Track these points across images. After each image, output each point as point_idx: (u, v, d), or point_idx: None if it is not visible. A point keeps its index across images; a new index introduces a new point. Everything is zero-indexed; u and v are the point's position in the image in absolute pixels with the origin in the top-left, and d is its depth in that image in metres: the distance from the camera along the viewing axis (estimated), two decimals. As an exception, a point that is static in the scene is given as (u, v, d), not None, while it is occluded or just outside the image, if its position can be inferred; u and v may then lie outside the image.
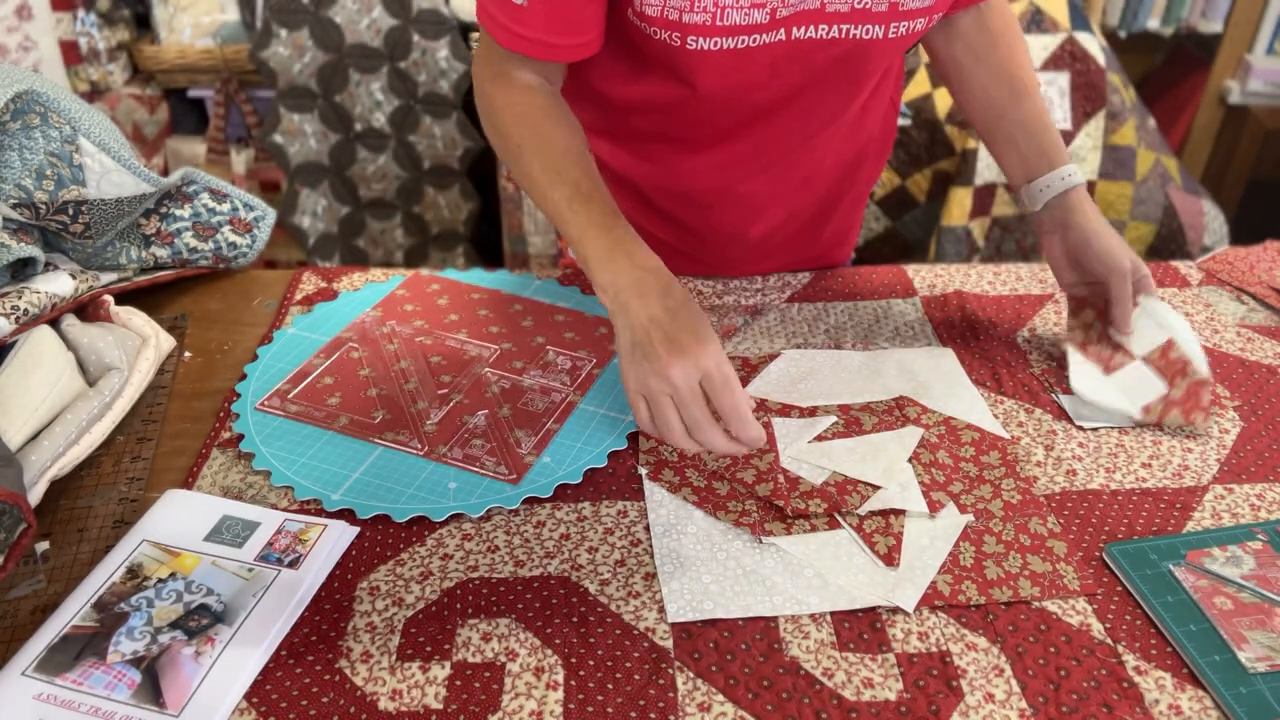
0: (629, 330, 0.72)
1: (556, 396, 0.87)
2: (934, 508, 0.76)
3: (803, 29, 0.78)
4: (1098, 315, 0.92)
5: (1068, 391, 0.89)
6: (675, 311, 0.71)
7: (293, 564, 0.70)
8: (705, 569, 0.71)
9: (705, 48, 0.78)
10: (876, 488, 0.77)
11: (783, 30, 0.78)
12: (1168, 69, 2.63)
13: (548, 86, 0.85)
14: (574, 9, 0.77)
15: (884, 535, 0.74)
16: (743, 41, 0.78)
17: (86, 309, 0.92)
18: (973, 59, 0.93)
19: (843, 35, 0.79)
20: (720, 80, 0.83)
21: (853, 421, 0.85)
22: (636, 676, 0.64)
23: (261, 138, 2.09)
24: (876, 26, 0.79)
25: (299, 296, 1.02)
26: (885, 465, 0.80)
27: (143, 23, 2.15)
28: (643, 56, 0.84)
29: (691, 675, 0.64)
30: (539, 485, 0.78)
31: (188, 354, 0.94)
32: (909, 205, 1.98)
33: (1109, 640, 0.67)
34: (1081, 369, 0.89)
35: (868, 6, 0.77)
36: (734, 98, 0.85)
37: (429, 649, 0.66)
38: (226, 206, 1.04)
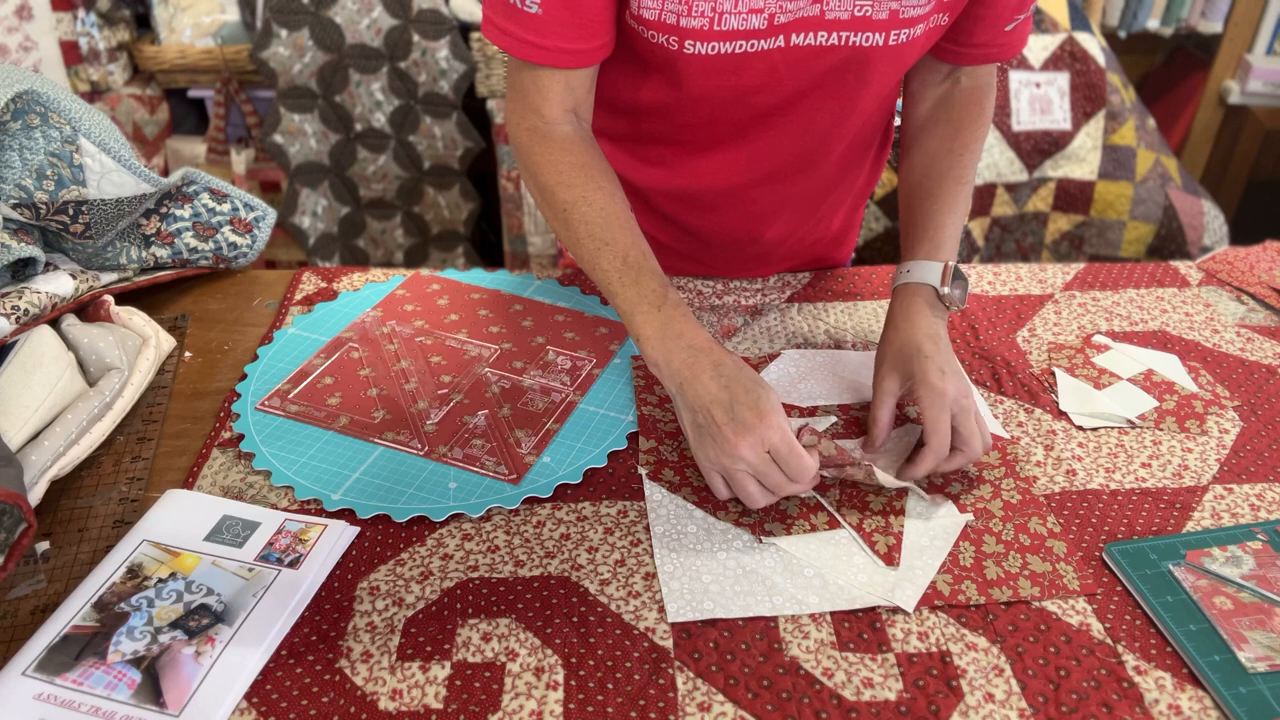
0: (690, 411, 0.75)
1: (556, 396, 0.87)
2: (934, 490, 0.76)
3: (802, 36, 0.78)
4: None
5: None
6: (731, 387, 0.73)
7: (293, 564, 0.70)
8: (705, 569, 0.71)
9: (702, 52, 0.78)
10: (881, 488, 0.77)
11: (781, 37, 0.78)
12: (1168, 69, 2.63)
13: (586, 138, 0.85)
14: (588, 11, 0.77)
15: (884, 535, 0.74)
16: (740, 47, 0.78)
17: (87, 309, 0.92)
18: (921, 130, 0.93)
19: (842, 42, 0.79)
20: (718, 85, 0.82)
21: (852, 422, 0.85)
22: (636, 676, 0.64)
23: (261, 138, 2.09)
24: (876, 34, 0.78)
25: (299, 296, 1.02)
26: (890, 466, 0.80)
27: (143, 23, 2.15)
28: (642, 60, 0.84)
29: (691, 675, 0.64)
30: (539, 485, 0.78)
31: (188, 354, 0.94)
32: (909, 205, 1.98)
33: (1109, 640, 0.67)
34: (1071, 390, 0.89)
35: (868, 14, 0.77)
36: (734, 102, 0.85)
37: (429, 649, 0.66)
38: (227, 206, 1.05)
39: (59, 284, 0.89)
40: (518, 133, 0.85)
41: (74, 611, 0.66)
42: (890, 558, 0.72)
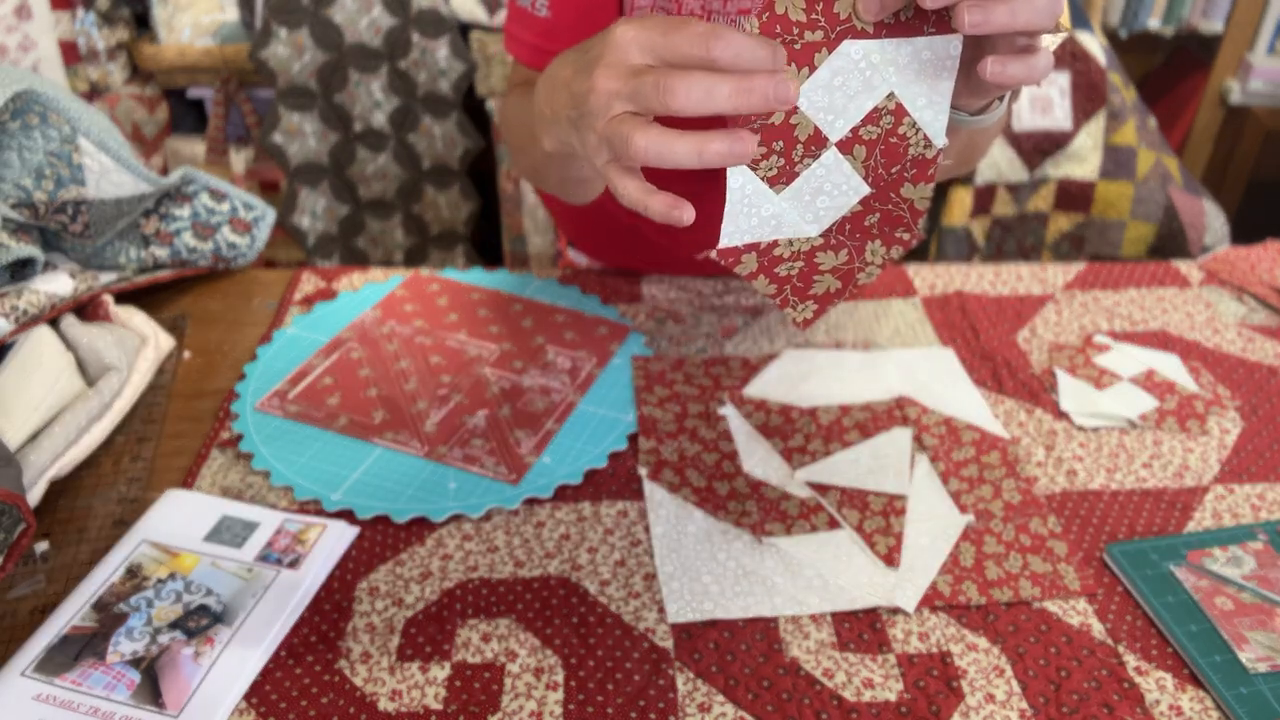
0: (573, 129, 0.57)
1: (556, 396, 0.87)
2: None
3: None
4: None
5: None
6: (576, 49, 0.57)
7: (292, 564, 0.70)
8: (705, 569, 0.71)
9: None
10: (896, 495, 0.77)
11: None
12: (1168, 69, 2.63)
13: None
14: (595, 10, 0.77)
15: (884, 536, 0.73)
16: None
17: (86, 309, 0.92)
18: None
19: None
20: None
21: (853, 426, 0.85)
22: (636, 677, 0.64)
23: (261, 138, 2.08)
24: None
25: (298, 296, 1.02)
26: (895, 470, 0.79)
27: (142, 22, 2.15)
28: None
29: (691, 676, 0.64)
30: (539, 485, 0.78)
31: (187, 354, 0.94)
32: (909, 205, 1.97)
33: (1109, 641, 0.67)
34: (1072, 390, 0.89)
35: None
36: None
37: (429, 649, 0.65)
38: (226, 206, 1.04)
39: (58, 284, 0.89)
40: (503, 102, 0.83)
41: (73, 612, 0.66)
42: (890, 558, 0.72)
